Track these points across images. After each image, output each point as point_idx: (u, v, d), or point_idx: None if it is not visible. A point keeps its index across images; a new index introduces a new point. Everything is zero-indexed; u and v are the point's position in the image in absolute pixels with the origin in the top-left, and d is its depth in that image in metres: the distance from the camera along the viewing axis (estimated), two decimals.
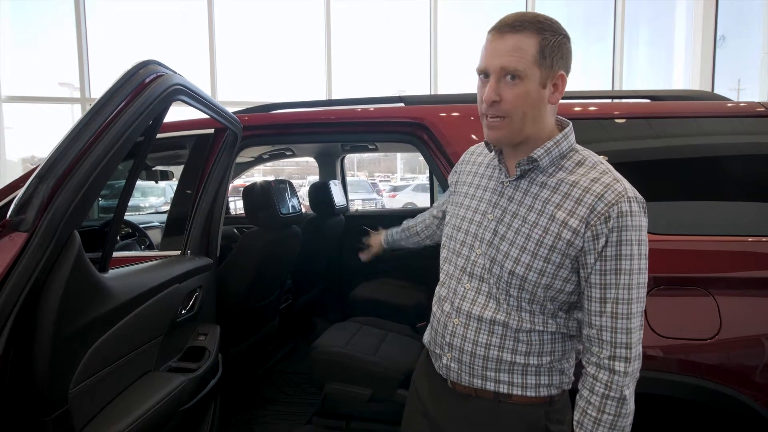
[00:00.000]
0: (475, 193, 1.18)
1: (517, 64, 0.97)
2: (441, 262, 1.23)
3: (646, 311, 1.50)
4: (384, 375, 2.15)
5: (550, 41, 0.98)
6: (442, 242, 1.25)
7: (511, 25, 0.98)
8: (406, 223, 1.73)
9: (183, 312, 1.73)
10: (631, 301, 0.99)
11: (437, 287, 1.23)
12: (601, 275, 0.99)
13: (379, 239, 1.87)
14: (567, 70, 1.03)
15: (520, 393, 1.09)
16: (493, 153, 1.16)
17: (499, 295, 1.08)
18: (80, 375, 1.20)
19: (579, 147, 1.09)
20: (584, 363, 1.05)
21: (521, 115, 1.00)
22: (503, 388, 1.09)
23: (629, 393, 0.99)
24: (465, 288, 1.12)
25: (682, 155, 1.72)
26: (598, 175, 1.01)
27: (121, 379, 1.41)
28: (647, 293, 1.48)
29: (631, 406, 1.00)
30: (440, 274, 1.22)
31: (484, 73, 1.03)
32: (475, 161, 1.25)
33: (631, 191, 1.00)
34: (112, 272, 1.38)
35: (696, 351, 1.49)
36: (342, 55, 7.32)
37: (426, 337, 1.27)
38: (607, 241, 0.97)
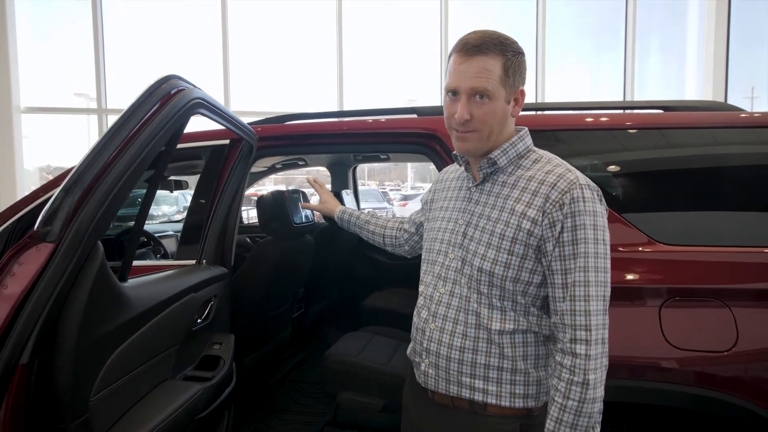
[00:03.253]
0: (447, 205, 1.25)
1: (486, 85, 1.05)
2: (421, 275, 1.28)
3: (661, 322, 1.49)
4: (397, 385, 2.13)
5: (512, 61, 1.07)
6: (422, 258, 1.29)
7: (477, 47, 1.06)
8: (372, 220, 1.71)
9: (198, 321, 1.75)
10: (589, 283, 1.01)
11: (418, 298, 1.26)
12: (560, 261, 1.03)
13: (332, 207, 1.86)
14: (524, 84, 1.13)
15: (494, 402, 1.10)
16: (462, 166, 1.23)
17: (471, 295, 1.11)
18: (101, 383, 1.22)
19: (537, 149, 1.18)
20: (554, 352, 1.06)
21: (489, 130, 1.10)
22: (478, 396, 1.10)
23: (594, 378, 0.99)
24: (440, 293, 1.17)
25: (697, 166, 1.72)
26: (552, 168, 1.09)
27: (140, 387, 1.43)
28: (662, 304, 1.50)
29: (597, 392, 1.00)
30: (420, 286, 1.27)
31: (453, 92, 1.10)
32: (447, 178, 1.33)
33: (583, 179, 1.06)
34: (132, 281, 1.40)
35: (712, 363, 1.48)
36: (353, 65, 7.38)
37: (408, 348, 1.30)
38: (562, 227, 1.03)
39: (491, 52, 1.05)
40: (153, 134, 1.21)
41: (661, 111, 1.92)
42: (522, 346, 1.10)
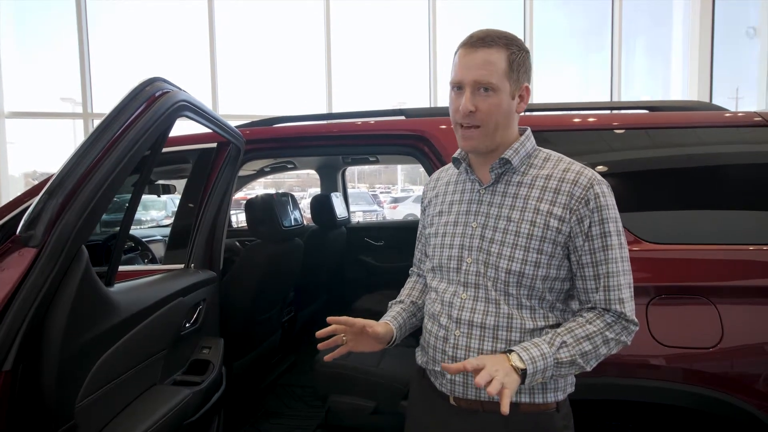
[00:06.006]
0: (450, 209, 1.21)
1: (490, 78, 1.05)
2: (429, 281, 1.24)
3: (648, 320, 1.50)
4: (387, 387, 2.14)
5: (516, 56, 1.08)
6: (428, 266, 1.26)
7: (482, 39, 1.07)
8: (408, 300, 1.36)
9: (187, 325, 1.74)
10: (619, 273, 1.07)
11: (428, 305, 1.23)
12: (591, 254, 1.08)
13: (387, 331, 1.22)
14: (529, 82, 1.13)
15: (528, 400, 1.10)
16: (460, 169, 1.21)
17: (498, 297, 1.10)
18: (87, 389, 1.21)
19: (540, 147, 1.19)
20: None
21: (494, 124, 1.08)
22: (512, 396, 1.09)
23: (617, 343, 1.07)
24: (461, 299, 1.14)
25: (681, 165, 1.74)
26: (567, 165, 1.12)
27: (127, 392, 1.41)
28: (649, 302, 1.51)
29: (601, 353, 1.06)
30: (430, 293, 1.23)
31: (458, 86, 1.10)
32: (439, 184, 1.29)
33: (598, 175, 1.11)
34: (118, 286, 1.39)
35: (698, 360, 1.49)
36: (342, 68, 7.38)
37: (420, 358, 1.25)
38: (591, 222, 1.07)
39: (495, 45, 1.06)
40: (137, 137, 1.20)
41: (646, 111, 1.95)
42: None
